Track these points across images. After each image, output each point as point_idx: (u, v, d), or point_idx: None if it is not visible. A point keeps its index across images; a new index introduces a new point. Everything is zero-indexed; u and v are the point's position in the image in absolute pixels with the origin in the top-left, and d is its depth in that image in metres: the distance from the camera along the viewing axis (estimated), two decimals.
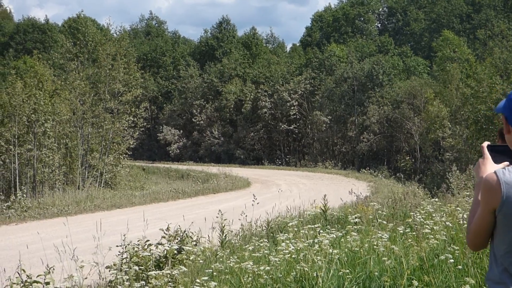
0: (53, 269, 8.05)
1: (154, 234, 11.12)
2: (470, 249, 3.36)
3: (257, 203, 14.23)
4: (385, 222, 10.48)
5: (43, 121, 33.08)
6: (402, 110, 56.73)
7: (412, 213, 10.75)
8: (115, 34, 61.76)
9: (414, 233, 8.80)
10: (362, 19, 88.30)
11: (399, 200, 16.05)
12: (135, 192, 33.84)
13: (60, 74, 40.26)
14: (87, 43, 40.10)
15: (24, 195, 27.33)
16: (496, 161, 3.16)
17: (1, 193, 30.39)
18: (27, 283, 7.84)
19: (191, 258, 9.82)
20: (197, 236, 11.83)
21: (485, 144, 3.24)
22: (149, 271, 8.37)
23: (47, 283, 7.79)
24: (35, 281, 7.85)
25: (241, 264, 8.25)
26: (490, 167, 3.13)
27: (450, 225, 8.78)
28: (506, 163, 3.13)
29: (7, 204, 25.61)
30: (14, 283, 7.85)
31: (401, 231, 9.42)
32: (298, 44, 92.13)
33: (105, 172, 37.40)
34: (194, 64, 79.17)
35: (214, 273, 8.42)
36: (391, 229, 9.97)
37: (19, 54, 76.84)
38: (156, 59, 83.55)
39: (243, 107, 68.55)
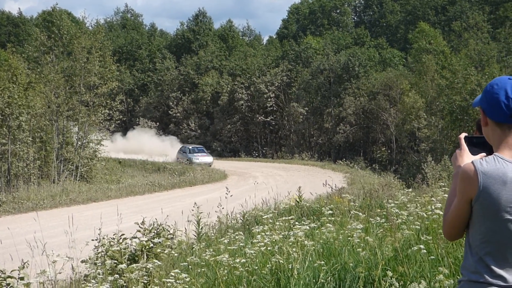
0: (28, 264, 7.98)
1: (130, 228, 11.07)
2: (446, 239, 3.39)
3: (231, 196, 14.22)
4: (360, 213, 10.51)
5: (18, 115, 32.79)
6: (378, 101, 56.99)
7: (387, 204, 10.79)
8: (90, 27, 61.40)
9: (389, 224, 8.83)
10: (338, 11, 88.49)
11: (374, 191, 16.11)
12: (111, 186, 33.70)
13: (35, 67, 39.87)
14: (62, 36, 39.74)
15: None
16: (473, 152, 3.18)
17: None
18: (1, 279, 7.76)
19: (166, 251, 9.79)
20: (173, 229, 11.80)
21: (463, 135, 3.26)
22: (124, 264, 8.32)
23: (22, 278, 7.71)
24: (9, 276, 7.78)
25: (217, 257, 8.24)
26: (467, 158, 3.15)
27: (425, 215, 8.82)
28: (483, 154, 3.15)
29: None
30: None
31: (376, 222, 9.46)
32: (274, 37, 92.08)
33: (81, 165, 37.19)
34: (170, 57, 78.93)
35: (190, 266, 8.40)
36: (366, 220, 10.00)
37: None
38: (132, 52, 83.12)
39: (219, 99, 68.48)
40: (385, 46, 74.59)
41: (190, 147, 54.42)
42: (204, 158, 51.69)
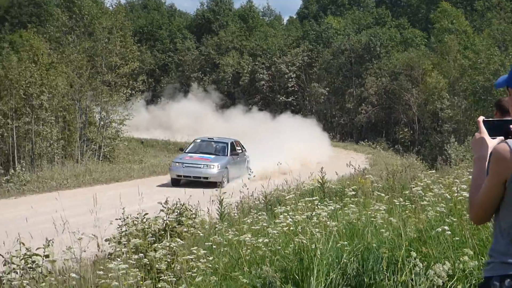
0: (52, 242, 8.07)
1: (153, 207, 11.14)
2: (474, 223, 3.37)
3: (254, 176, 14.25)
4: (383, 194, 10.49)
5: (38, 94, 33.05)
6: (400, 81, 56.70)
7: (410, 185, 10.76)
8: (111, 7, 61.51)
9: (412, 205, 8.81)
10: None
11: (397, 172, 16.06)
12: (133, 166, 33.88)
13: (57, 47, 40.07)
14: (83, 16, 39.92)
15: (23, 169, 27.34)
16: (491, 135, 3.16)
17: (0, 167, 30.40)
18: (26, 256, 7.85)
19: (189, 230, 9.85)
20: (196, 209, 11.86)
21: (481, 118, 3.24)
22: (148, 243, 8.40)
23: (47, 256, 7.81)
24: (34, 254, 7.87)
25: (240, 236, 8.28)
26: (487, 141, 3.13)
27: (448, 197, 8.78)
28: (501, 138, 3.13)
29: (6, 178, 25.69)
30: (14, 256, 7.86)
31: (399, 203, 9.43)
32: (295, 17, 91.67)
33: (104, 145, 37.40)
34: (190, 37, 78.86)
35: (213, 246, 8.45)
36: (389, 201, 9.97)
37: (14, 28, 76.27)
38: (152, 32, 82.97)
39: (240, 79, 68.40)
40: (407, 26, 73.95)
41: (199, 141, 30.58)
42: (200, 168, 26.54)
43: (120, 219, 10.23)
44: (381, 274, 6.69)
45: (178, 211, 10.85)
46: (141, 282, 6.65)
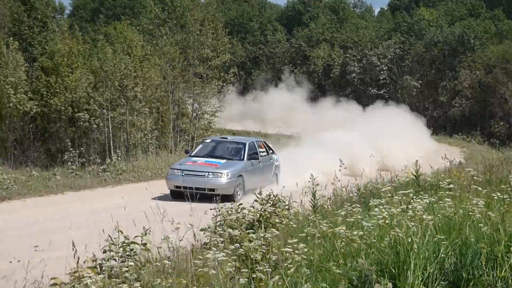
0: (150, 230, 8.24)
1: (247, 198, 11.27)
2: None
3: (345, 168, 14.16)
4: (480, 188, 10.27)
5: (133, 85, 33.75)
6: (495, 74, 55.40)
7: (509, 179, 10.51)
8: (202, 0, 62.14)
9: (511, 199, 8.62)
10: None
11: (495, 166, 15.68)
12: None
13: (150, 39, 40.74)
14: (175, 8, 40.46)
15: (119, 158, 27.96)
16: None
17: (97, 156, 31.17)
18: (124, 244, 8.03)
19: (283, 221, 9.91)
20: (289, 200, 11.91)
21: None
22: (243, 233, 8.48)
23: (144, 244, 7.98)
24: (132, 242, 8.04)
25: (334, 228, 8.27)
26: None
27: None
28: None
29: (102, 167, 26.31)
30: (113, 244, 8.05)
31: (498, 198, 9.21)
32: (386, 8, 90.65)
33: (196, 136, 37.84)
34: (281, 29, 78.99)
35: (308, 237, 8.46)
36: (487, 195, 9.76)
37: (109, 20, 78.06)
38: (243, 24, 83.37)
39: (331, 72, 68.16)
40: (502, 17, 71.97)
41: (209, 141, 24.25)
42: (204, 177, 20.61)
43: (214, 209, 10.37)
44: (479, 270, 6.58)
45: (272, 202, 10.93)
46: (239, 272, 6.74)
